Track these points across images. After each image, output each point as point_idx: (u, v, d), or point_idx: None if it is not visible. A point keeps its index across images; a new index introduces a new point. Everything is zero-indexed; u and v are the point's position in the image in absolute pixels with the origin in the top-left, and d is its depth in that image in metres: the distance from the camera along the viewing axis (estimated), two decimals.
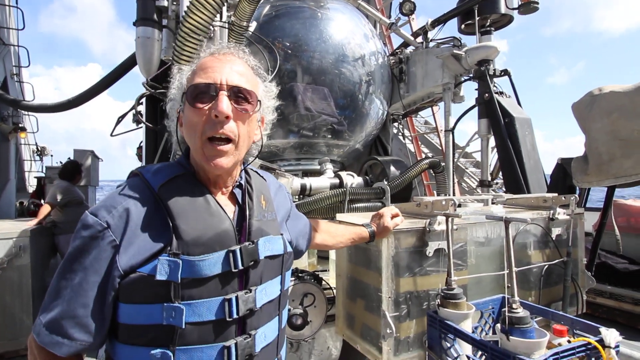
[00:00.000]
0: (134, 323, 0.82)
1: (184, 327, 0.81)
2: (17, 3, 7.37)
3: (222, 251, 0.86)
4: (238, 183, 1.00)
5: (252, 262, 0.90)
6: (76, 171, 4.87)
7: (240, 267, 0.88)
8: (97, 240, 0.81)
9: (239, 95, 0.89)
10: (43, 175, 7.87)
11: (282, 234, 1.03)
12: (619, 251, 3.90)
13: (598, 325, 1.24)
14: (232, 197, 0.99)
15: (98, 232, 0.81)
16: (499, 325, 1.22)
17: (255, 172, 1.10)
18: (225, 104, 0.86)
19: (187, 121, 0.90)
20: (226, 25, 2.31)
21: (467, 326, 1.36)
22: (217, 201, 0.92)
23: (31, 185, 8.61)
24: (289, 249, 1.05)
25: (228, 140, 0.88)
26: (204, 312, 0.83)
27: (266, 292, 0.94)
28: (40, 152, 9.14)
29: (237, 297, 0.87)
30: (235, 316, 0.86)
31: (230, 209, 0.96)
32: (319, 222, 1.44)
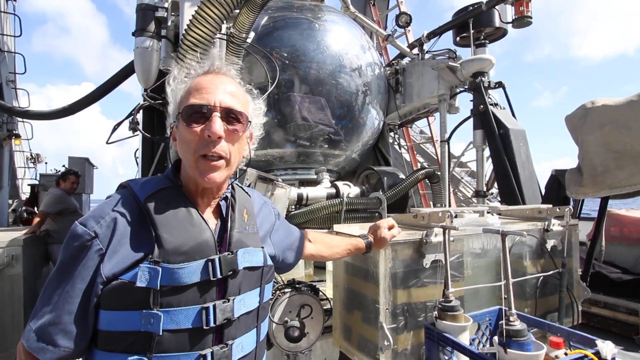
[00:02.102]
0: (113, 330, 0.84)
1: (161, 334, 0.82)
2: (14, 10, 7.38)
3: (202, 260, 0.89)
4: (224, 196, 1.03)
5: (231, 272, 0.92)
6: (67, 177, 4.79)
7: (219, 276, 0.90)
8: (85, 250, 0.84)
9: (230, 116, 0.94)
10: (37, 182, 7.79)
11: (262, 247, 1.06)
12: (600, 259, 3.95)
13: (594, 338, 1.24)
14: (216, 210, 1.02)
15: (87, 242, 0.84)
16: (496, 337, 1.22)
17: (241, 188, 1.13)
18: (218, 125, 0.90)
19: (181, 138, 0.95)
20: (225, 37, 2.33)
21: (464, 338, 1.36)
22: (199, 213, 0.95)
23: (24, 192, 8.51)
24: (269, 262, 1.07)
25: (220, 157, 0.93)
26: (181, 320, 0.85)
27: (244, 302, 0.96)
28: (35, 159, 9.07)
29: (214, 306, 0.88)
30: (212, 325, 0.88)
31: (213, 222, 0.99)
32: (314, 233, 1.45)
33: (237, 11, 2.30)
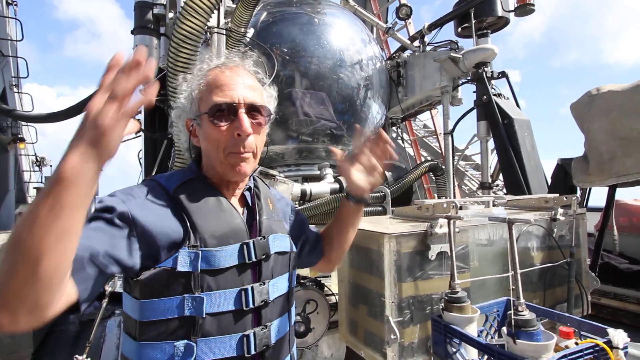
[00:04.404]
0: (156, 318, 0.84)
1: (204, 317, 0.84)
2: (15, 14, 7.41)
3: (236, 244, 0.91)
4: (247, 187, 1.06)
5: (264, 256, 0.96)
6: None
7: (254, 259, 0.93)
8: (116, 217, 0.80)
9: (254, 110, 0.96)
10: (42, 185, 7.84)
11: (288, 234, 1.08)
12: (614, 251, 3.89)
13: (605, 327, 1.22)
14: (241, 199, 1.05)
15: (117, 212, 0.80)
16: (504, 328, 1.20)
17: (261, 179, 1.16)
18: (247, 124, 0.92)
19: (207, 136, 0.95)
20: (223, 31, 2.31)
21: (472, 330, 1.33)
22: (228, 200, 0.98)
23: (31, 195, 8.58)
24: (294, 248, 1.10)
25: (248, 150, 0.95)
26: (222, 302, 0.87)
27: (277, 286, 0.99)
28: (40, 163, 9.14)
29: (252, 288, 0.92)
30: (251, 306, 0.91)
31: (239, 210, 1.01)
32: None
33: (234, 6, 2.28)
